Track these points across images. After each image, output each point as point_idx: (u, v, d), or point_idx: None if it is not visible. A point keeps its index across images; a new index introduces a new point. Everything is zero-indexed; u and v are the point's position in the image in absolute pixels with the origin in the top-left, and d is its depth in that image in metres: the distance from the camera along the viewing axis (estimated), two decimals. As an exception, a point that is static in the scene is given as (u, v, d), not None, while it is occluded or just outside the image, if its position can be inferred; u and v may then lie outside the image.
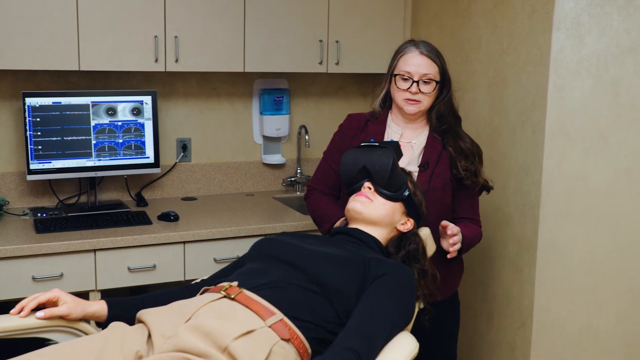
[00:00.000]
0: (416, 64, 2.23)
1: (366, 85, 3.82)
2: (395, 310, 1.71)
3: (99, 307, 1.76)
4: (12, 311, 1.69)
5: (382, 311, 1.68)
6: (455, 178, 2.26)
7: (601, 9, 2.52)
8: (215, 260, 2.86)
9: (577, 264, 2.66)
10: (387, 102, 2.38)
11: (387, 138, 2.35)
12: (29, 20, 2.73)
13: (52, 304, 1.72)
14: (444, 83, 2.28)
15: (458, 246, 2.16)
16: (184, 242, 2.81)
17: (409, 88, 2.23)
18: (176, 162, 3.40)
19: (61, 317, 1.71)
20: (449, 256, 2.17)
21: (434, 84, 2.24)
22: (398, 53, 2.30)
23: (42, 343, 2.72)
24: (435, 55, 2.25)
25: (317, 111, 3.72)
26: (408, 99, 2.25)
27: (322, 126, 3.73)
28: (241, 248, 2.89)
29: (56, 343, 1.68)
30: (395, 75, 2.28)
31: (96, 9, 2.83)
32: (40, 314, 1.69)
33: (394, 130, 2.35)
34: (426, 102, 2.26)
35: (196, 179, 3.47)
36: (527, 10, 2.67)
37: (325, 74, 3.59)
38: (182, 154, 3.41)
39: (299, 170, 3.65)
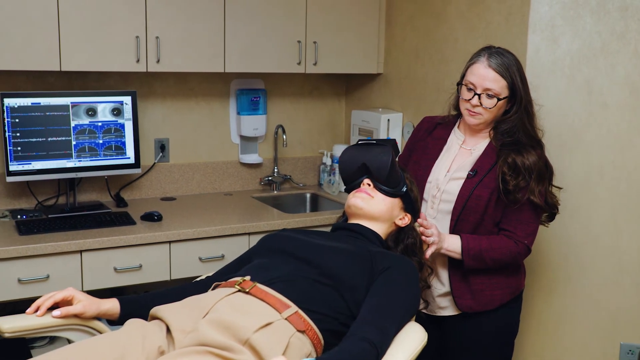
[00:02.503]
0: (481, 75, 2.12)
1: (340, 85, 3.89)
2: (404, 300, 1.77)
3: (112, 305, 1.77)
4: (28, 310, 1.70)
5: (392, 301, 1.74)
6: (502, 190, 2.14)
7: (574, 11, 2.64)
8: (200, 259, 2.88)
9: (554, 258, 2.79)
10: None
11: (450, 143, 2.31)
12: (8, 20, 2.69)
13: (67, 302, 1.73)
14: (513, 99, 2.16)
15: (433, 239, 2.09)
16: (170, 242, 2.82)
17: (470, 99, 2.16)
18: (155, 163, 3.40)
19: (76, 316, 1.72)
20: (427, 254, 2.10)
21: (496, 99, 2.13)
22: (470, 60, 2.20)
23: (25, 345, 2.71)
24: (505, 69, 2.12)
25: (293, 111, 3.76)
26: (469, 110, 2.18)
27: (298, 126, 3.79)
28: (226, 247, 2.92)
29: (62, 342, 1.69)
30: (462, 84, 2.20)
31: (77, 9, 2.81)
32: (56, 312, 1.70)
33: (457, 136, 2.31)
34: (487, 115, 2.16)
35: (174, 179, 3.47)
36: (503, 13, 2.78)
37: (300, 74, 3.64)
38: (161, 154, 3.40)
39: (276, 170, 3.68)
